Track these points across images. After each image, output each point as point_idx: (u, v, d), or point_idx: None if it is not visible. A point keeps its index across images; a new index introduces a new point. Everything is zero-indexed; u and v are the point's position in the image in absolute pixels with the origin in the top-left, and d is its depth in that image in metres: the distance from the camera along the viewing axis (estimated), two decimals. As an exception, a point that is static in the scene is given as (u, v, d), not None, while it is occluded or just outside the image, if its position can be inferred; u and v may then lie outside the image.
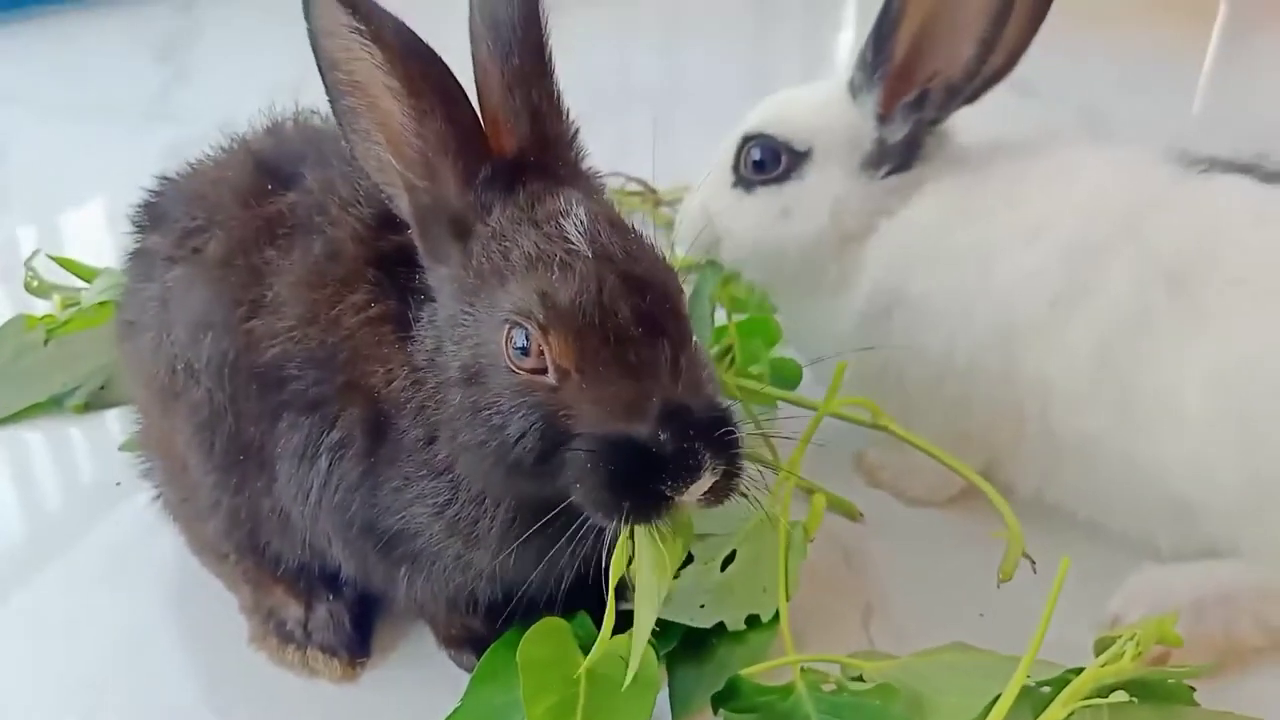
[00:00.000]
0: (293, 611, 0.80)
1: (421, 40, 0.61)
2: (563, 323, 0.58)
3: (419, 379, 0.65)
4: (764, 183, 0.92)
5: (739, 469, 0.58)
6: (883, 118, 0.89)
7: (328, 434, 0.68)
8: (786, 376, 1.08)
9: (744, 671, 0.75)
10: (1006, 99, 1.87)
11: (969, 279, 0.85)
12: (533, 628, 0.72)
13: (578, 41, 2.10)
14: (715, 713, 0.73)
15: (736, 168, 0.94)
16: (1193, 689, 0.72)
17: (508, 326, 0.59)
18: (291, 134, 0.77)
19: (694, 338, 0.62)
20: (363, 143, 0.63)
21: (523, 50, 0.64)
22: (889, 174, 0.90)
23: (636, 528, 0.60)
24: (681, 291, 0.63)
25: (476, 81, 0.65)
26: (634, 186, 1.39)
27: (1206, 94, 2.12)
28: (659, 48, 2.27)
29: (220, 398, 0.71)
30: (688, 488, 0.56)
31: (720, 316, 1.04)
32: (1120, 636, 0.71)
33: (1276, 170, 0.84)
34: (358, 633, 0.81)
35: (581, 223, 0.61)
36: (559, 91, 0.66)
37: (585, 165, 0.69)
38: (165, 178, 0.81)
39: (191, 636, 0.83)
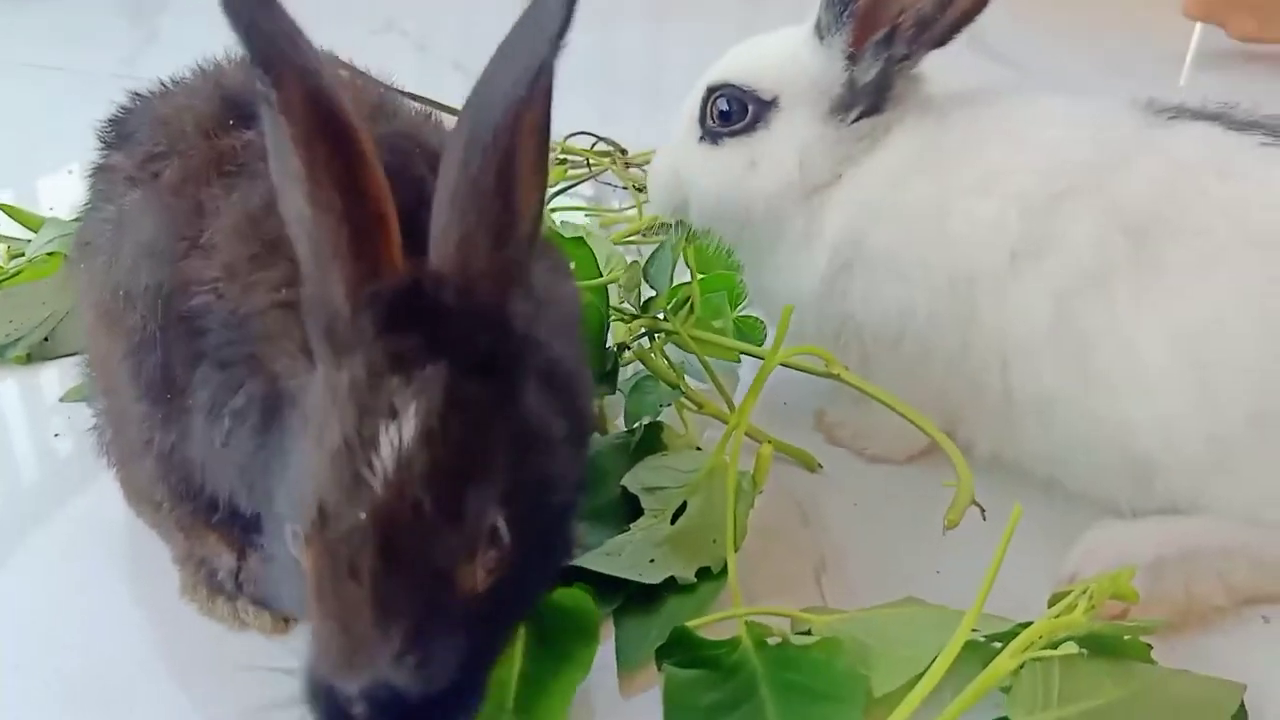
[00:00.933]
0: (225, 561, 0.77)
1: (343, 114, 0.52)
2: (314, 549, 0.51)
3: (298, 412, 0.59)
4: (731, 134, 0.89)
5: None
6: (853, 57, 0.85)
7: (231, 398, 0.64)
8: (750, 335, 1.06)
9: (689, 624, 0.73)
10: (988, 70, 1.86)
11: (928, 231, 0.83)
12: None
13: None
14: (659, 667, 0.71)
15: (703, 120, 0.90)
16: (1149, 646, 0.70)
17: (291, 500, 0.54)
18: None
19: (448, 609, 0.52)
20: (285, 184, 0.55)
21: (488, 163, 0.53)
22: (859, 118, 0.86)
23: None
24: (462, 559, 0.52)
25: (440, 172, 0.55)
26: (604, 147, 1.37)
27: (1192, 71, 2.10)
28: (646, 24, 2.24)
29: (152, 328, 0.67)
30: None
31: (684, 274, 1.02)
32: (1074, 590, 0.69)
33: (1244, 119, 0.81)
34: (292, 585, 0.78)
35: (395, 441, 0.51)
36: (526, 216, 0.56)
37: (521, 306, 0.57)
38: (138, 94, 0.77)
39: (130, 585, 0.81)
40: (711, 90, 0.90)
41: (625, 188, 1.33)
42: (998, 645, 0.68)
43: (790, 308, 0.84)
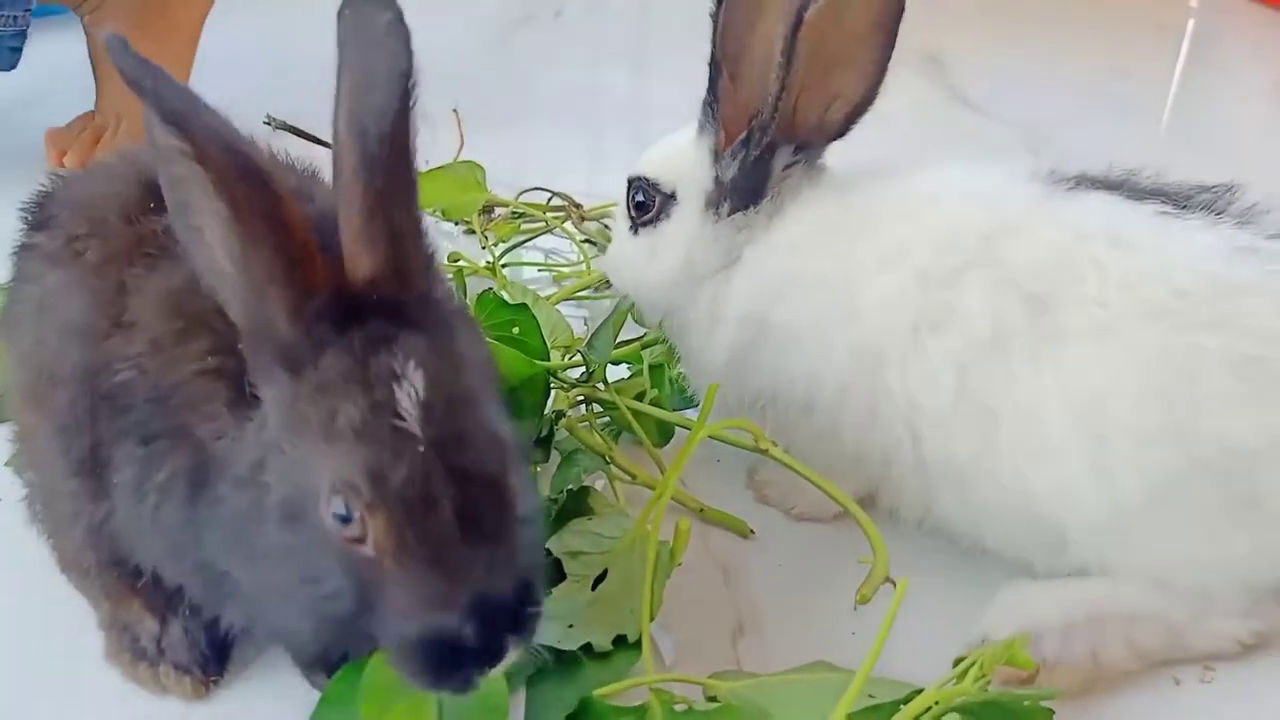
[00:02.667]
0: (148, 627, 0.79)
1: (251, 156, 0.57)
2: (388, 510, 0.56)
3: (242, 468, 0.62)
4: (644, 224, 0.92)
5: (535, 636, 0.61)
6: (717, 156, 0.89)
7: (155, 474, 0.66)
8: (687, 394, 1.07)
9: (599, 693, 0.74)
10: (962, 119, 1.86)
11: (830, 307, 0.84)
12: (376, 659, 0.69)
13: (548, 54, 2.14)
14: (565, 731, 0.72)
15: (628, 210, 0.94)
16: (1051, 712, 0.71)
17: (330, 491, 0.58)
18: None
19: (515, 509, 0.60)
20: (194, 239, 0.60)
21: (390, 169, 0.59)
22: (732, 212, 0.89)
23: None
24: (510, 471, 0.60)
25: (337, 193, 0.60)
26: (559, 201, 1.39)
27: (1173, 114, 2.12)
28: (629, 62, 2.27)
29: (80, 407, 0.69)
30: (491, 670, 0.59)
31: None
32: (971, 658, 0.70)
33: (1147, 188, 0.83)
34: (212, 650, 0.79)
35: (415, 393, 0.57)
36: (421, 215, 0.62)
37: (440, 293, 0.65)
38: (58, 175, 0.80)
39: (50, 649, 0.82)
40: (630, 182, 0.93)
41: (581, 242, 1.35)
42: (901, 709, 0.69)
43: (715, 386, 0.86)
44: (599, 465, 0.93)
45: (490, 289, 1.05)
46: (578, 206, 1.37)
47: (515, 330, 0.99)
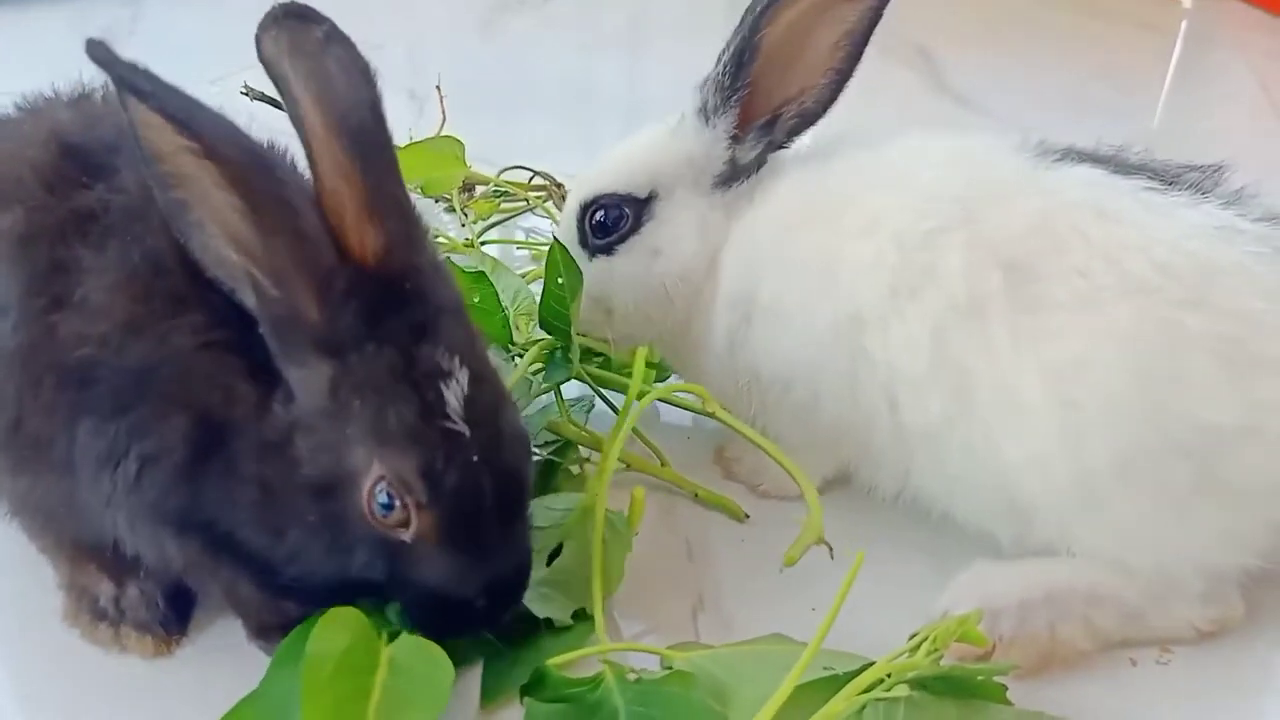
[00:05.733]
0: (105, 589, 0.79)
1: (259, 148, 0.61)
2: (438, 508, 0.63)
3: (265, 436, 0.65)
4: (620, 241, 0.91)
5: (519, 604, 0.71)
6: (736, 138, 0.89)
7: (140, 442, 0.66)
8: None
9: (552, 662, 0.73)
10: (951, 113, 1.85)
11: (814, 280, 0.84)
12: (324, 618, 0.69)
13: (536, 38, 2.13)
14: (521, 701, 0.72)
15: (584, 241, 0.93)
16: (1004, 688, 0.71)
17: (377, 480, 0.62)
18: (102, 113, 0.74)
19: (528, 497, 0.69)
20: (197, 234, 0.63)
21: (376, 149, 0.63)
22: (730, 190, 0.90)
23: None
24: (531, 464, 0.70)
25: (325, 183, 0.62)
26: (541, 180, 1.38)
27: (1166, 111, 2.11)
28: (624, 49, 2.26)
29: (9, 389, 0.69)
30: (484, 631, 0.71)
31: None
32: (924, 633, 0.70)
33: (1135, 164, 0.82)
34: (173, 610, 0.79)
35: (462, 393, 0.62)
36: (408, 194, 0.66)
37: (437, 258, 0.69)
38: None
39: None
40: (585, 208, 0.92)
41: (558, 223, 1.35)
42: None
43: (647, 348, 0.89)
44: (542, 423, 0.93)
45: (448, 256, 1.05)
46: (559, 186, 1.37)
47: (475, 300, 0.98)
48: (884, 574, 0.81)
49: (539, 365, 0.96)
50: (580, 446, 0.94)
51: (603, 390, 0.98)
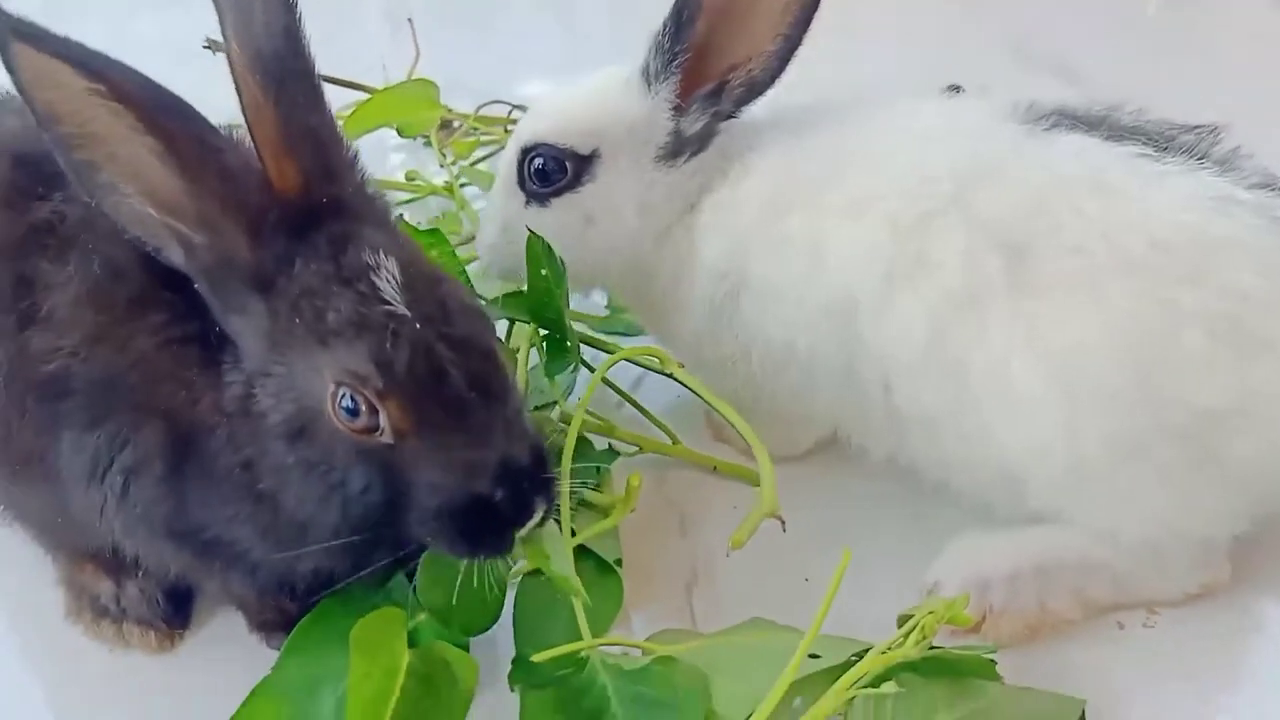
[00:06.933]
0: (105, 587, 0.80)
1: (169, 91, 0.59)
2: (401, 391, 0.59)
3: (229, 415, 0.64)
4: (556, 194, 0.86)
5: (556, 497, 0.66)
6: (679, 109, 0.84)
7: (120, 454, 0.66)
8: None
9: (536, 658, 0.73)
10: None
11: (804, 262, 0.81)
12: (370, 616, 0.72)
13: None
14: (511, 688, 0.74)
15: (522, 183, 0.88)
16: (993, 663, 0.72)
17: (335, 386, 0.60)
18: None
19: (511, 381, 0.64)
20: (110, 196, 0.60)
21: (293, 78, 0.62)
22: (688, 160, 0.85)
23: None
24: (495, 338, 0.65)
25: (246, 115, 0.61)
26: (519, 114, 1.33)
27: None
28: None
29: None
30: (524, 527, 0.63)
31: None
32: (915, 615, 0.71)
33: (1127, 126, 0.78)
34: (172, 605, 0.81)
35: (394, 279, 0.61)
36: (333, 116, 0.64)
37: (370, 188, 0.67)
38: None
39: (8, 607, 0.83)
40: (526, 151, 0.87)
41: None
42: (853, 662, 0.70)
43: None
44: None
45: (400, 215, 1.02)
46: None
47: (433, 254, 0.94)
48: (871, 545, 0.81)
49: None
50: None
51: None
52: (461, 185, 1.23)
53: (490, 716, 0.74)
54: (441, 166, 1.26)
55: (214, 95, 0.65)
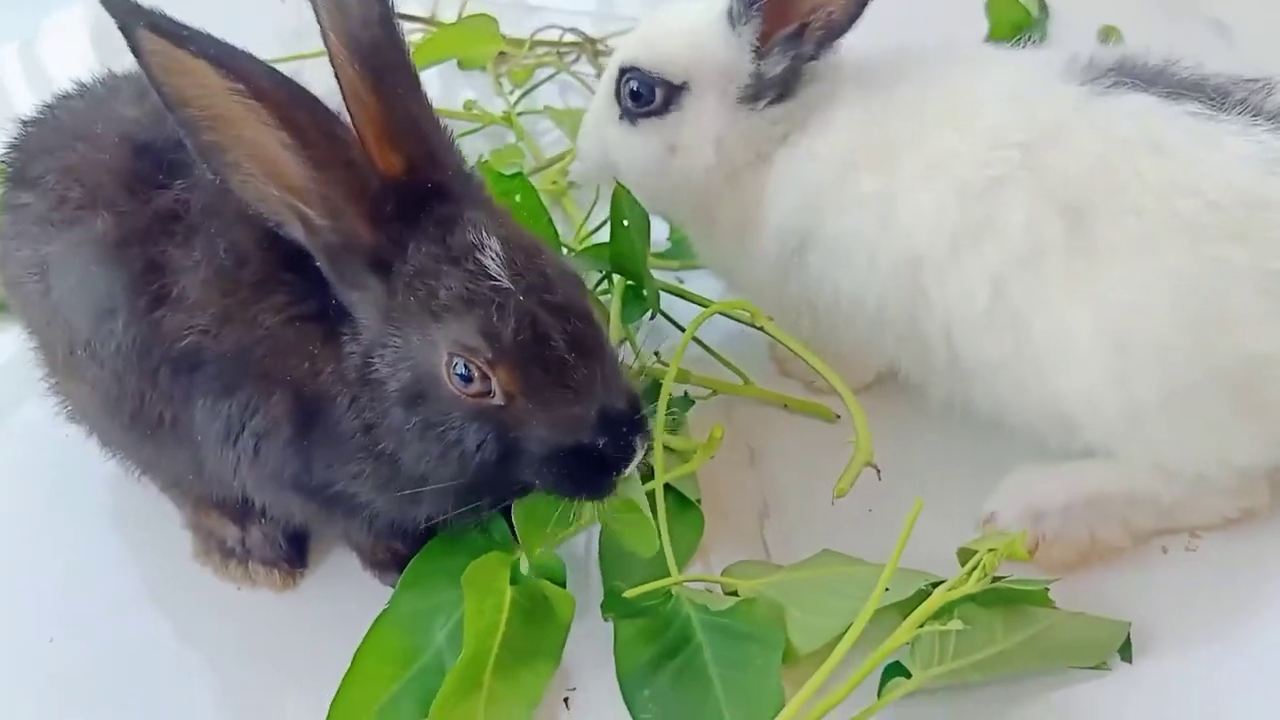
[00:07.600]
0: (230, 532, 0.88)
1: (298, 84, 0.62)
2: (508, 358, 0.65)
3: (350, 384, 0.70)
4: (645, 116, 0.89)
5: (651, 439, 0.72)
6: (759, 50, 0.85)
7: (251, 420, 0.72)
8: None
9: (628, 594, 0.81)
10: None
11: (874, 225, 0.84)
12: (479, 560, 0.80)
13: None
14: (604, 619, 0.81)
15: (618, 98, 0.90)
16: (1047, 590, 0.78)
17: (448, 356, 0.66)
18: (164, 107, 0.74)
19: (606, 337, 0.70)
20: (235, 175, 0.64)
21: (392, 68, 0.65)
22: (769, 105, 0.87)
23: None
24: (590, 299, 0.71)
25: (349, 105, 0.65)
26: (571, 36, 1.34)
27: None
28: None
29: (130, 381, 0.74)
30: (626, 469, 0.70)
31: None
32: (977, 551, 0.77)
33: (1185, 80, 0.80)
34: (293, 547, 0.89)
35: (498, 256, 0.66)
36: (430, 103, 0.68)
37: (469, 170, 0.71)
38: (29, 125, 0.80)
39: (135, 552, 0.91)
40: (623, 71, 0.89)
41: (597, 75, 1.31)
42: (920, 596, 0.76)
43: None
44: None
45: (486, 160, 1.05)
46: (592, 42, 1.32)
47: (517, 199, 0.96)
48: (929, 477, 0.87)
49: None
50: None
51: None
52: (518, 115, 1.25)
53: (586, 642, 0.82)
54: (497, 95, 1.27)
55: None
